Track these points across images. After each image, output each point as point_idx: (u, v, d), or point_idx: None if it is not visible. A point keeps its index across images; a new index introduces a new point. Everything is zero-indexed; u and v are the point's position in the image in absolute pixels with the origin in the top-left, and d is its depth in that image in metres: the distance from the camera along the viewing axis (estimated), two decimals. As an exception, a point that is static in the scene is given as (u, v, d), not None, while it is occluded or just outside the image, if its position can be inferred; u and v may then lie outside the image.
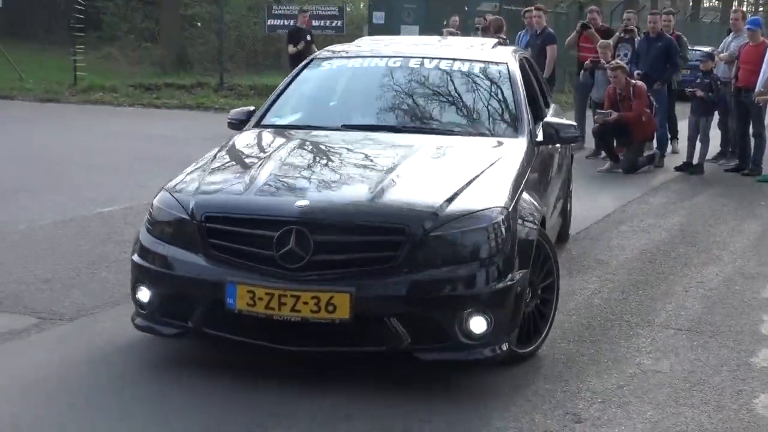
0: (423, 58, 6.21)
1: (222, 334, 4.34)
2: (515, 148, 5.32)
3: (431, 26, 18.80)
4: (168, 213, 4.53)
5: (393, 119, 5.82)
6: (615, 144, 11.58)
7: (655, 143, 12.08)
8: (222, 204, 4.52)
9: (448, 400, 4.31)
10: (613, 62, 11.55)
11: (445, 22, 17.75)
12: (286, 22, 20.83)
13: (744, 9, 33.73)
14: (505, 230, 4.38)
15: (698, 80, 11.64)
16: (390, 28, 21.80)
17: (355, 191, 4.58)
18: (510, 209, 4.50)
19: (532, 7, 13.67)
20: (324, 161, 5.23)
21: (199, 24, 26.90)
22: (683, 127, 12.48)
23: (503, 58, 6.31)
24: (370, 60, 6.37)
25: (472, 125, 5.72)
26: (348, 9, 26.95)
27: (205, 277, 4.29)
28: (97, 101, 18.24)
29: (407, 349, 4.21)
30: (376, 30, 22.40)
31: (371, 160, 5.11)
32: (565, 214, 7.43)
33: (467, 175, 4.73)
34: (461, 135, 5.57)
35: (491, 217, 4.36)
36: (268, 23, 22.36)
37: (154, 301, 4.44)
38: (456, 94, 5.97)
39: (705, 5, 47.85)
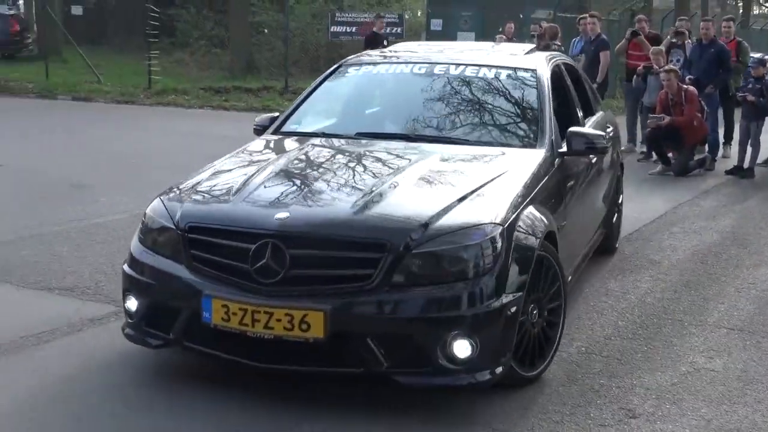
0: (449, 64, 5.76)
1: (200, 348, 4.07)
2: (530, 159, 4.86)
3: (488, 33, 18.69)
4: (157, 222, 4.28)
5: (408, 128, 5.35)
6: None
7: (706, 147, 11.85)
8: (204, 214, 4.22)
9: (505, 394, 4.24)
10: (666, 66, 11.38)
11: (500, 29, 17.62)
12: (348, 29, 20.96)
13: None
14: (498, 248, 3.93)
15: (750, 85, 11.39)
16: (447, 35, 21.81)
17: (339, 204, 4.17)
18: (506, 225, 4.04)
19: (587, 15, 13.52)
20: (321, 171, 4.76)
21: (266, 31, 27.10)
22: (735, 131, 12.24)
23: (533, 64, 5.76)
24: (396, 66, 6.01)
25: (488, 134, 5.24)
26: (407, 16, 26.98)
27: (185, 290, 4.01)
28: (170, 103, 18.46)
29: (386, 372, 3.82)
30: (433, 36, 22.44)
31: (370, 171, 4.70)
32: (610, 226, 6.87)
33: (467, 187, 4.32)
34: (475, 145, 5.10)
35: (482, 234, 3.92)
36: (331, 30, 22.54)
37: (140, 311, 4.23)
38: (476, 102, 5.54)
39: (755, 12, 46.88)
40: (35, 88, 19.43)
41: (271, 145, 5.42)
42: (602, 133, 5.52)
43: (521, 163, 4.78)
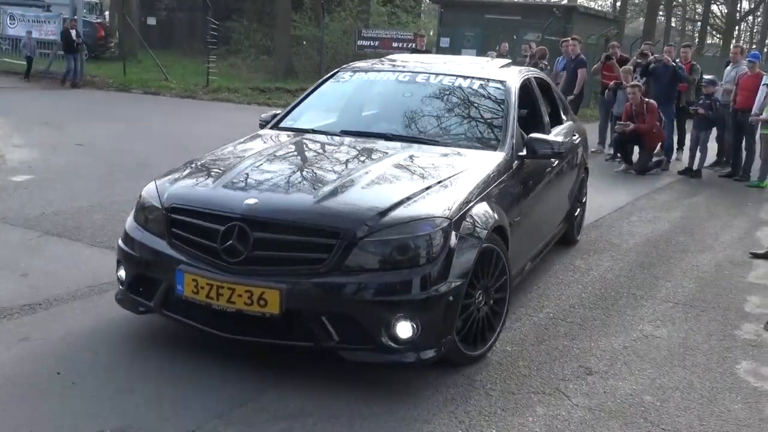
0: (430, 74, 5.30)
1: (175, 316, 3.77)
2: (489, 160, 4.41)
3: (486, 50, 18.32)
4: (148, 201, 3.98)
5: (386, 128, 4.88)
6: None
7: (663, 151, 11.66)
8: (185, 196, 3.86)
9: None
10: (631, 82, 11.20)
11: (496, 48, 17.34)
12: (372, 43, 20.77)
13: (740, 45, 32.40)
14: (445, 239, 3.55)
15: (701, 101, 11.17)
16: (453, 51, 21.51)
17: (305, 193, 3.77)
18: (454, 219, 3.65)
19: (569, 38, 13.29)
20: (297, 163, 4.38)
21: (304, 43, 26.86)
22: (686, 139, 12.04)
23: (504, 76, 5.27)
24: (384, 74, 5.54)
25: (456, 136, 4.78)
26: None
27: (164, 264, 3.72)
28: (223, 99, 18.30)
29: (334, 347, 3.48)
30: (441, 52, 22.12)
31: (341, 165, 4.25)
32: (572, 220, 6.34)
33: (425, 183, 3.94)
34: (443, 145, 4.64)
35: (431, 226, 3.54)
36: (358, 44, 22.35)
37: (128, 281, 3.98)
38: (448, 107, 5.06)
39: (708, 42, 46.14)
40: (114, 83, 19.33)
41: (265, 138, 4.97)
42: (560, 140, 4.92)
43: (480, 164, 4.34)
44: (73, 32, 18.32)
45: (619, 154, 11.49)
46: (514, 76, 5.35)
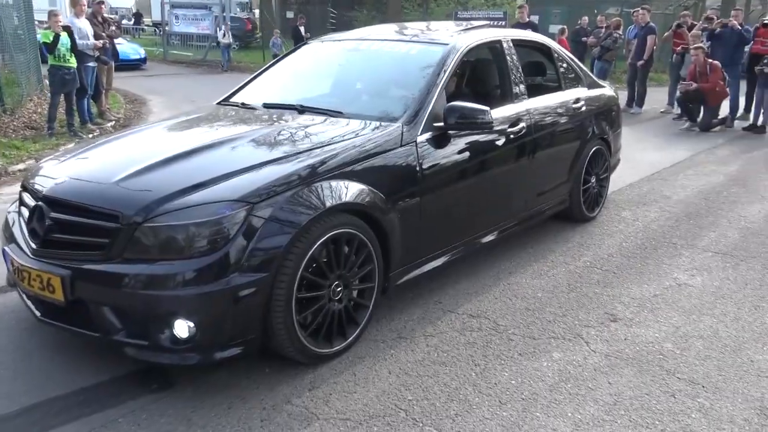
0: (373, 41, 4.23)
1: (18, 291, 3.07)
2: (372, 133, 3.24)
3: (572, 25, 17.04)
4: None
5: (303, 100, 3.78)
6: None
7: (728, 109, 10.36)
8: (34, 171, 3.22)
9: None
10: (695, 45, 9.98)
11: (579, 22, 16.06)
12: (466, 24, 19.85)
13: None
14: (230, 227, 2.57)
15: (766, 61, 9.78)
16: (541, 28, 20.17)
17: (115, 172, 2.86)
18: (258, 203, 2.65)
19: (639, 8, 12.05)
20: (157, 141, 3.44)
21: (410, 26, 26.24)
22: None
23: (451, 40, 3.94)
24: (337, 44, 4.40)
25: (363, 107, 3.61)
26: (510, 13, 25.32)
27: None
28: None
29: (120, 341, 2.64)
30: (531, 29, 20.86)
31: (191, 142, 3.22)
32: (576, 197, 4.86)
33: (254, 160, 2.92)
34: (343, 117, 3.48)
35: (215, 211, 2.59)
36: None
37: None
38: (372, 76, 4.02)
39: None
40: (254, 67, 19.51)
41: (190, 113, 4.01)
42: (482, 108, 3.44)
43: (358, 137, 3.20)
44: (302, 29, 18.68)
45: (684, 112, 10.33)
46: (462, 40, 3.96)
